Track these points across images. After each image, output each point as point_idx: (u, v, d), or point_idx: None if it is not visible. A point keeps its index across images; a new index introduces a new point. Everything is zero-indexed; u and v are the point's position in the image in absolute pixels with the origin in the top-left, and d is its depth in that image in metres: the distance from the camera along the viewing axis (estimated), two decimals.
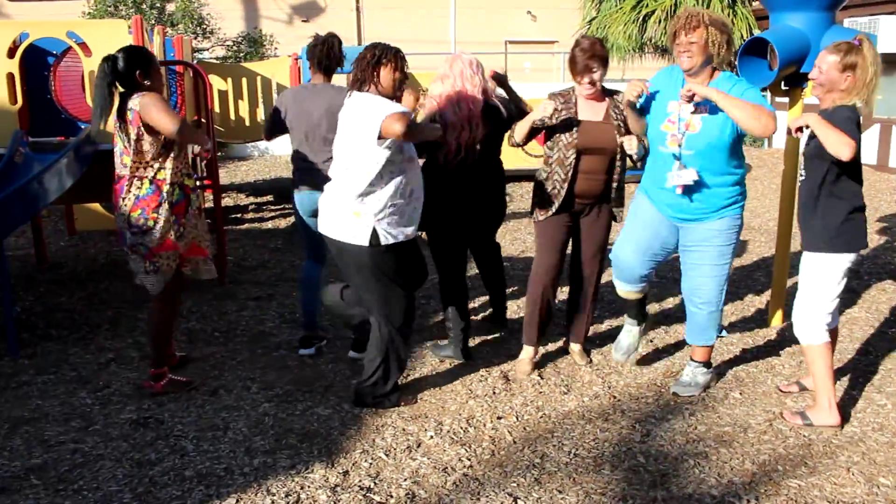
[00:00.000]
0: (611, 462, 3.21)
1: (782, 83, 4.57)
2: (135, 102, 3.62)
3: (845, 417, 3.56)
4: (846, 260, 3.42)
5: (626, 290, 3.94)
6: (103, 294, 5.62)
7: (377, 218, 3.39)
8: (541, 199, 4.02)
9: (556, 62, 18.76)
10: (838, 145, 3.18)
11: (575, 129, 3.85)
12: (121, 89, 3.68)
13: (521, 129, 3.98)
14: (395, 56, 3.43)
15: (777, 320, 4.84)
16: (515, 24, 20.47)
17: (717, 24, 3.44)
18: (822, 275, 3.43)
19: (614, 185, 3.98)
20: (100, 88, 3.64)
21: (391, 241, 3.45)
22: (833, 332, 3.74)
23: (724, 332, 4.66)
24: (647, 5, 11.93)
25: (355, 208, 3.40)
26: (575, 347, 4.33)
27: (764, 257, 6.57)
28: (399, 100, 3.50)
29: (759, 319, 4.99)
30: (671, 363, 4.26)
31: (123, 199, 3.70)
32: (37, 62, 5.59)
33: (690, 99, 3.43)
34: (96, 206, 7.27)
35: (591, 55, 3.78)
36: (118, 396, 3.89)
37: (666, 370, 4.16)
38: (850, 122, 3.24)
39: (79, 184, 5.17)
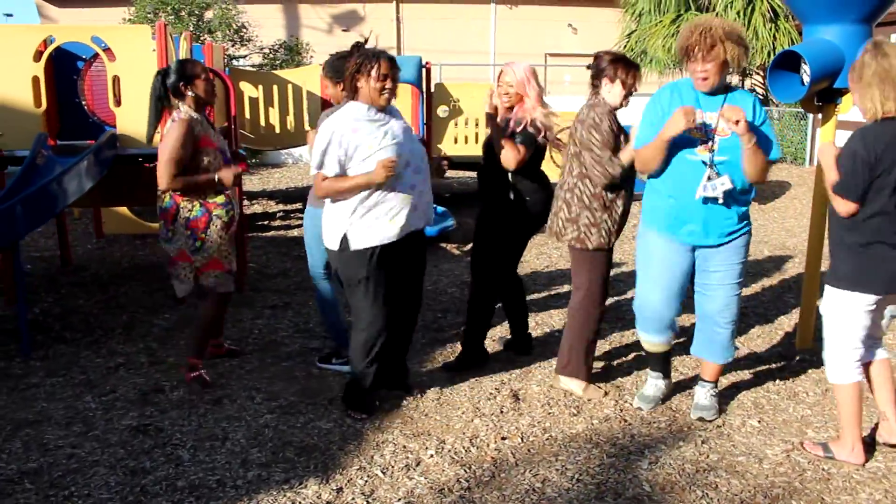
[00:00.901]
0: (614, 489, 3.06)
1: (815, 98, 4.40)
2: (169, 124, 3.82)
3: (869, 451, 3.36)
4: (866, 301, 3.11)
5: (657, 341, 3.73)
6: (121, 298, 5.64)
7: (350, 221, 3.40)
8: (613, 222, 3.77)
9: None
10: (833, 198, 3.10)
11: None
12: (174, 101, 3.88)
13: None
14: (372, 66, 3.32)
15: (805, 344, 4.63)
16: (556, 36, 20.37)
17: (734, 37, 3.25)
18: (841, 313, 3.17)
19: None
20: (151, 101, 3.89)
21: (363, 246, 3.41)
22: (867, 367, 3.32)
23: None
24: (687, 19, 11.75)
25: (331, 211, 3.47)
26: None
27: (797, 278, 6.33)
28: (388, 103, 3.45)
29: (787, 343, 4.79)
30: (687, 387, 4.08)
31: (157, 208, 3.94)
32: (67, 66, 5.65)
33: (737, 122, 3.23)
34: (124, 209, 7.36)
35: (636, 67, 3.78)
36: (122, 402, 3.86)
37: (681, 393, 3.99)
38: (851, 159, 3.00)
39: (106, 187, 5.20)
